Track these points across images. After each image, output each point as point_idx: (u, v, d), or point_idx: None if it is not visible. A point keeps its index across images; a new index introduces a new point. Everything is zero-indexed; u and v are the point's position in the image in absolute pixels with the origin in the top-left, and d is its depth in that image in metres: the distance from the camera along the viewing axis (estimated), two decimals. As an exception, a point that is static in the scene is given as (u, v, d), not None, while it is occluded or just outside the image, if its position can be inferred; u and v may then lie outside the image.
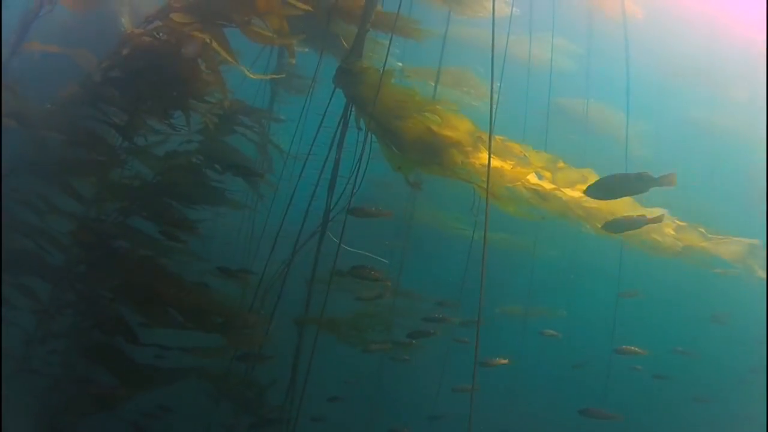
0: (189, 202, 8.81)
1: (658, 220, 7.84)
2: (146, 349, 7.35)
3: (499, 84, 9.93)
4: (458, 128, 7.39)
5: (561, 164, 8.14)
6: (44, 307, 7.85)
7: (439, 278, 11.66)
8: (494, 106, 6.05)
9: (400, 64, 11.44)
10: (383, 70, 7.20)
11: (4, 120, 8.58)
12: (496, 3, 5.95)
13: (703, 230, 10.18)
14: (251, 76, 8.17)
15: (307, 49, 8.79)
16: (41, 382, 7.64)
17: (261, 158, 10.17)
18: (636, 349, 9.98)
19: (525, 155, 7.74)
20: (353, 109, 7.74)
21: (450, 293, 10.34)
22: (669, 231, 9.58)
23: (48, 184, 8.22)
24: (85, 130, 8.04)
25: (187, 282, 7.58)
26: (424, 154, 7.62)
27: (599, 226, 9.00)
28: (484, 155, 7.50)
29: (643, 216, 7.61)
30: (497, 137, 7.53)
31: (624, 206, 8.72)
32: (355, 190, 7.39)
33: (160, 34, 7.85)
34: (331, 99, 7.67)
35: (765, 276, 11.97)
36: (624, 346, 10.05)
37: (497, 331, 10.09)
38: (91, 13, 9.23)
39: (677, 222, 9.79)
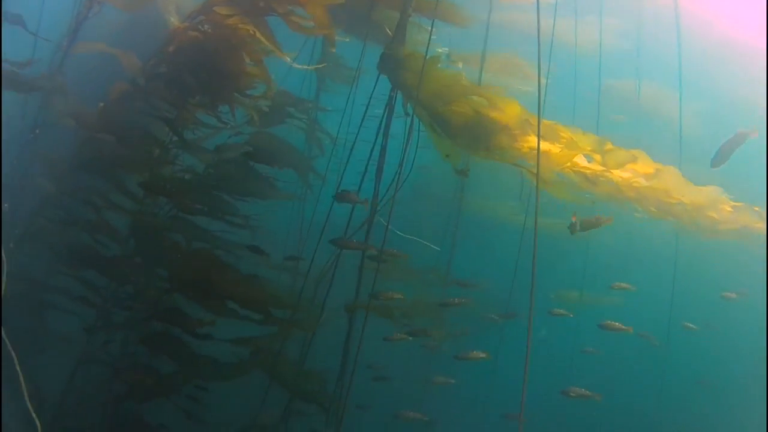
0: (240, 194, 8.93)
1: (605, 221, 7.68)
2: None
3: (547, 67, 9.82)
4: (506, 111, 7.29)
5: (609, 146, 7.97)
6: (103, 298, 8.05)
7: (491, 265, 11.58)
8: (542, 91, 5.95)
9: (446, 49, 11.36)
10: (426, 54, 7.15)
11: (61, 119, 8.84)
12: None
13: (758, 210, 9.87)
14: (296, 66, 8.21)
15: (349, 39, 8.77)
16: (103, 370, 7.83)
17: (309, 148, 10.23)
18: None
19: (572, 138, 7.59)
20: (399, 95, 7.71)
21: (501, 281, 10.23)
22: (726, 209, 9.29)
23: (103, 181, 8.41)
24: (136, 126, 8.19)
25: (241, 273, 7.67)
26: (472, 139, 7.55)
27: (653, 209, 8.83)
28: (532, 139, 7.40)
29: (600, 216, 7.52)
30: (545, 121, 7.41)
31: (678, 186, 8.53)
32: (404, 178, 7.35)
33: (206, 27, 7.94)
34: (375, 86, 7.65)
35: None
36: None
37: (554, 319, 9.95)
38: (139, 12, 9.39)
39: (732, 202, 9.49)
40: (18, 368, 5.78)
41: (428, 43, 7.20)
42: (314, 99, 11.07)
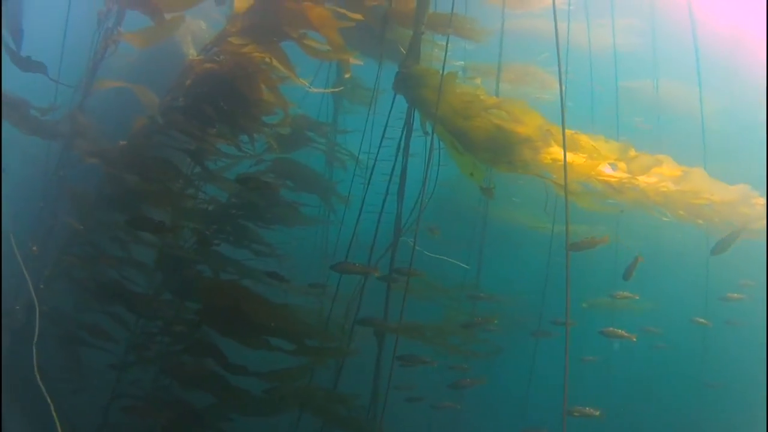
0: (265, 222, 8.95)
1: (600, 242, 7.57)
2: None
3: (564, 73, 9.74)
4: (527, 123, 7.23)
5: (633, 152, 7.86)
6: (133, 333, 8.07)
7: (521, 278, 11.48)
8: (564, 101, 5.92)
9: (462, 63, 11.33)
10: (443, 71, 7.11)
11: (84, 158, 8.91)
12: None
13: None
14: (313, 90, 8.22)
15: (363, 62, 8.76)
16: (133, 404, 7.82)
17: (330, 171, 10.24)
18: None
19: (595, 147, 7.50)
20: (416, 113, 7.69)
21: (532, 293, 10.13)
22: (759, 203, 9.07)
23: (128, 216, 8.45)
24: (157, 160, 8.23)
25: (271, 302, 7.64)
26: (494, 153, 7.48)
27: (681, 212, 8.70)
28: (555, 150, 7.33)
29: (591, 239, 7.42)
30: (567, 130, 7.32)
31: (706, 186, 8.39)
32: (427, 197, 7.30)
33: (221, 58, 7.98)
34: (392, 106, 7.62)
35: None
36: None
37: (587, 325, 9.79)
38: (157, 46, 9.46)
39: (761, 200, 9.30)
40: (54, 412, 5.79)
41: (444, 60, 7.17)
42: (332, 121, 11.09)
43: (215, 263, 8.45)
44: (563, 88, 5.76)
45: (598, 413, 8.00)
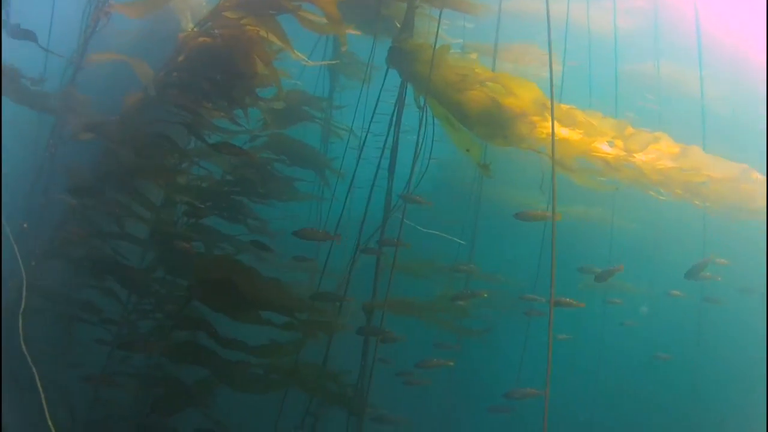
0: (259, 197, 8.88)
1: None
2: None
3: (563, 53, 9.65)
4: (523, 97, 7.13)
5: (630, 130, 7.77)
6: (126, 309, 8.03)
7: (515, 257, 11.40)
8: (560, 77, 5.83)
9: (461, 41, 11.22)
10: (435, 44, 7.02)
11: (77, 133, 8.85)
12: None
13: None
14: (309, 63, 8.13)
15: (361, 33, 8.67)
16: (127, 382, 7.80)
17: (326, 146, 10.16)
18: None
19: (591, 123, 7.41)
20: (409, 88, 7.61)
21: (525, 273, 10.04)
22: (759, 179, 8.93)
23: (123, 192, 8.40)
24: (152, 135, 8.17)
25: (263, 276, 7.59)
26: (489, 128, 7.40)
27: (678, 191, 8.61)
28: (553, 125, 7.22)
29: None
30: (563, 105, 7.24)
31: (707, 166, 8.30)
32: (420, 172, 7.23)
33: (216, 32, 7.90)
34: (384, 80, 7.54)
35: None
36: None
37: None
38: (154, 20, 9.38)
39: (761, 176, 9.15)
40: (39, 384, 5.76)
41: (437, 32, 7.08)
42: (328, 97, 11.00)
43: (208, 238, 8.41)
44: (556, 62, 5.65)
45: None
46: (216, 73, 8.04)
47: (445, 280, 9.82)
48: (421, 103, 7.44)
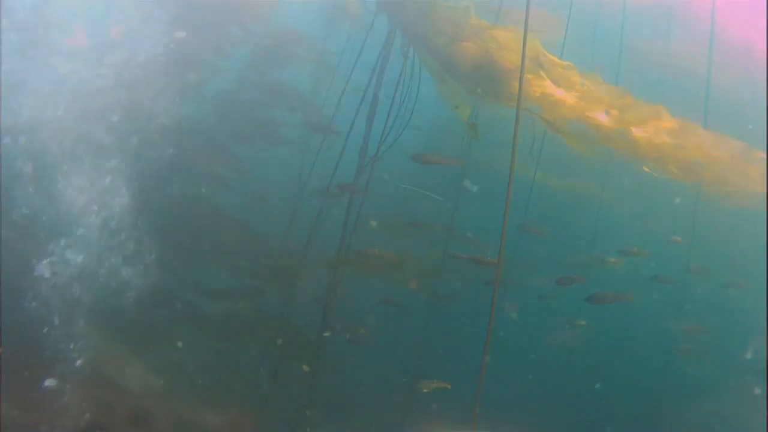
0: (242, 140, 8.63)
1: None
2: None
3: (568, 17, 9.29)
4: (518, 52, 6.74)
5: (629, 99, 7.41)
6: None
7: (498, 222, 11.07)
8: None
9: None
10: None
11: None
12: None
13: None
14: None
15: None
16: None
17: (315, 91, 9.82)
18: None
19: (590, 88, 7.06)
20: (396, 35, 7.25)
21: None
22: (760, 157, 8.56)
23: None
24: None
25: (234, 218, 7.36)
26: (480, 82, 7.04)
27: (674, 169, 8.27)
28: (546, 83, 6.88)
29: None
30: (559, 61, 6.89)
31: (706, 145, 7.97)
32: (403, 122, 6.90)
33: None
34: (371, 27, 7.18)
35: None
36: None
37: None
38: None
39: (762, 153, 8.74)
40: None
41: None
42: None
43: (186, 181, 8.16)
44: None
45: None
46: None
47: (424, 238, 9.48)
48: (409, 53, 7.05)
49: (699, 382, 12.62)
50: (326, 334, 7.05)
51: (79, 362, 7.30)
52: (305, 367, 7.09)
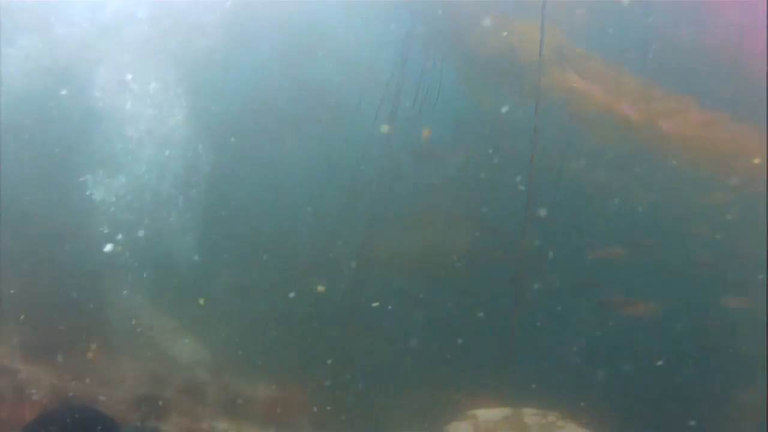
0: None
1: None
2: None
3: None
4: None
5: (655, 92, 7.25)
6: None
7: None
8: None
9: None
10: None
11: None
12: None
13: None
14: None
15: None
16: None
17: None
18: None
19: (615, 79, 6.92)
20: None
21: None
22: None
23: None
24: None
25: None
26: (503, 76, 6.95)
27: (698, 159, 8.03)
28: (572, 76, 6.76)
29: None
30: (583, 52, 6.76)
31: (735, 135, 7.75)
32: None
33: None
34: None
35: None
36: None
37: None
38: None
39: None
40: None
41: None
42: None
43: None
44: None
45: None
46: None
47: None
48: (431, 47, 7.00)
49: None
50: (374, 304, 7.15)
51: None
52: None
